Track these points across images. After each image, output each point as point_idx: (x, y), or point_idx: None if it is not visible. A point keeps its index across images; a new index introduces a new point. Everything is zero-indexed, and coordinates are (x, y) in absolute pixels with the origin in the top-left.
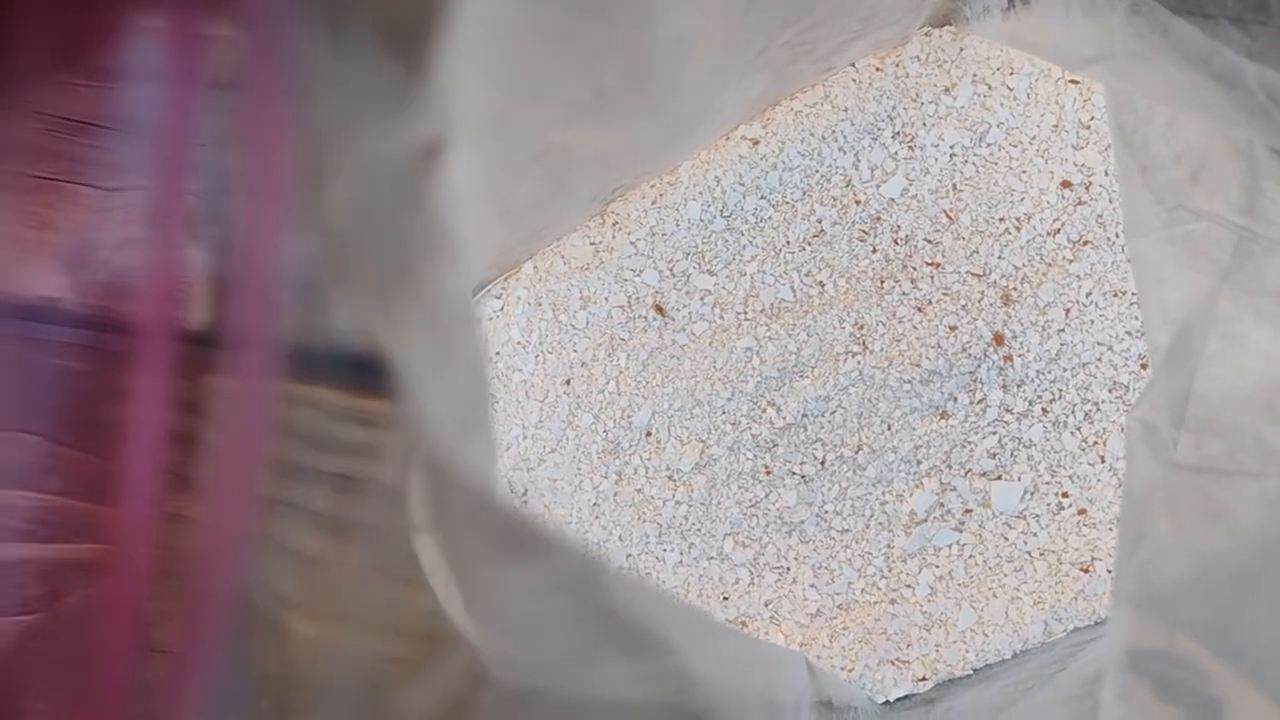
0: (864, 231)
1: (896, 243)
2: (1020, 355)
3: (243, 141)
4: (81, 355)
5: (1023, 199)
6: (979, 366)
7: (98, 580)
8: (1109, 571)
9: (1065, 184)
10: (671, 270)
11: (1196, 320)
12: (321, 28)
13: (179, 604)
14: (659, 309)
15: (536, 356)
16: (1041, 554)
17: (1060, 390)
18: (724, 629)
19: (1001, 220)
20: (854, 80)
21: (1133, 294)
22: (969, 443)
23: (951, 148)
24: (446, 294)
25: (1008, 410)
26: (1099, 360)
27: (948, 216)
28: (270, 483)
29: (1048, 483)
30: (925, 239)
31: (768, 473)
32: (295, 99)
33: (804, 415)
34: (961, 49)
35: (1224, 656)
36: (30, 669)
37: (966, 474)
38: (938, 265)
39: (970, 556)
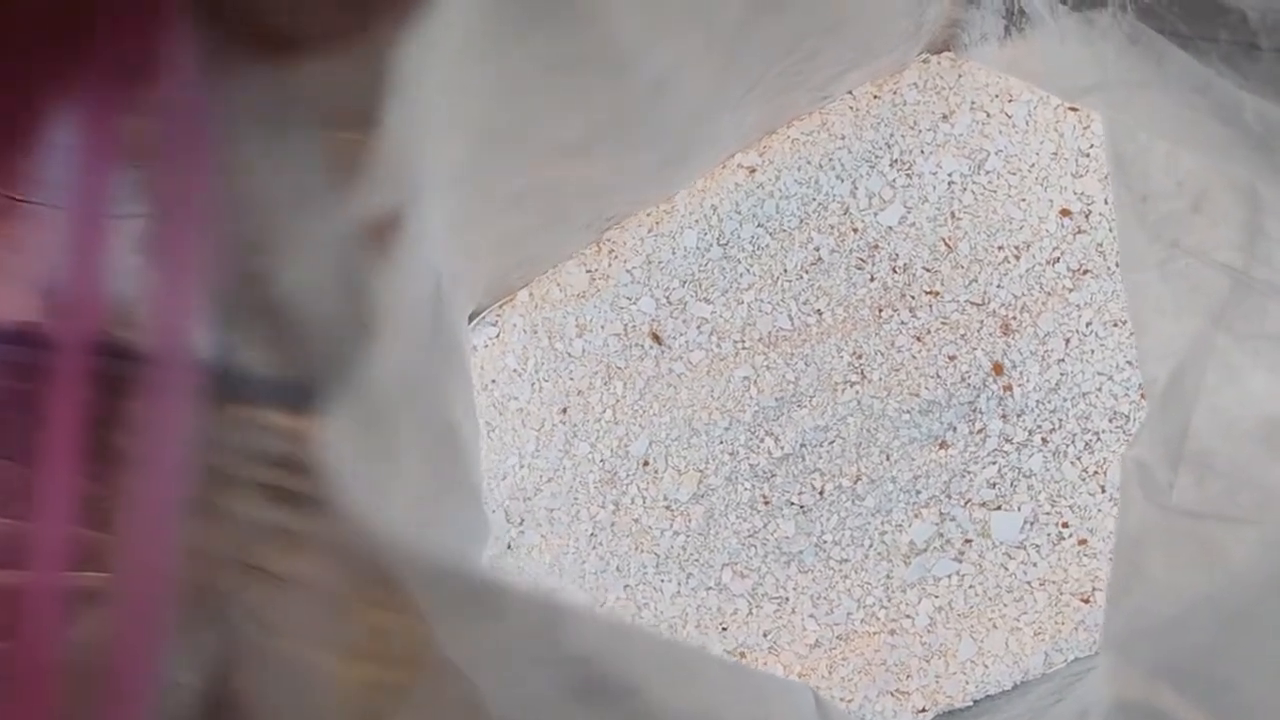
0: (862, 260)
1: (895, 271)
2: (1020, 385)
3: (159, 209)
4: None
5: (1022, 227)
6: (978, 396)
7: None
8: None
9: (1065, 212)
10: (668, 298)
11: (1191, 361)
12: (262, 103)
13: (106, 623)
14: (656, 337)
15: (533, 384)
16: (1042, 584)
17: (1060, 420)
18: (714, 662)
19: (1000, 249)
20: (851, 108)
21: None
22: (968, 472)
23: (950, 175)
24: (403, 361)
25: (1007, 440)
26: (1099, 390)
27: (946, 245)
28: (247, 507)
29: (1048, 513)
30: (924, 267)
31: (766, 503)
32: (214, 169)
33: (802, 445)
34: (959, 76)
35: (1207, 706)
36: None
37: (966, 504)
38: (936, 294)
39: (970, 587)
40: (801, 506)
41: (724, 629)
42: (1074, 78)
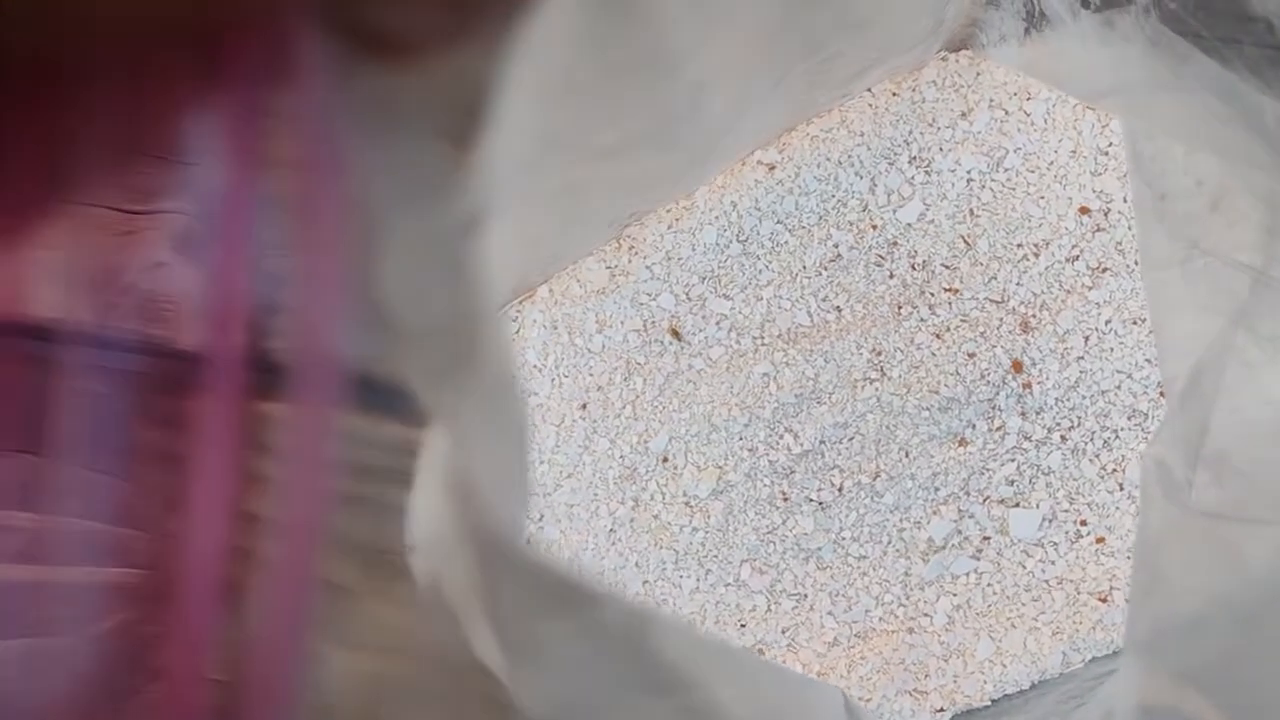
0: (881, 257)
1: (914, 268)
2: (1039, 382)
3: (301, 219)
4: (120, 380)
5: (1041, 225)
6: (998, 394)
7: (148, 607)
8: (1127, 601)
9: (1084, 210)
10: (688, 294)
11: (1210, 360)
12: (371, 107)
13: (244, 637)
14: (675, 333)
15: (553, 380)
16: (1059, 583)
17: (1079, 418)
18: (759, 663)
19: (1019, 246)
20: (870, 105)
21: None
22: (987, 470)
23: (969, 173)
24: (492, 356)
25: (1026, 438)
26: (1118, 388)
27: (965, 242)
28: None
29: (1066, 510)
30: (943, 264)
31: (785, 499)
32: (347, 177)
33: (822, 442)
34: (978, 74)
35: (1228, 707)
36: (75, 693)
37: (985, 501)
38: (956, 291)
39: (988, 585)
40: (820, 503)
41: (742, 625)
42: (1093, 80)
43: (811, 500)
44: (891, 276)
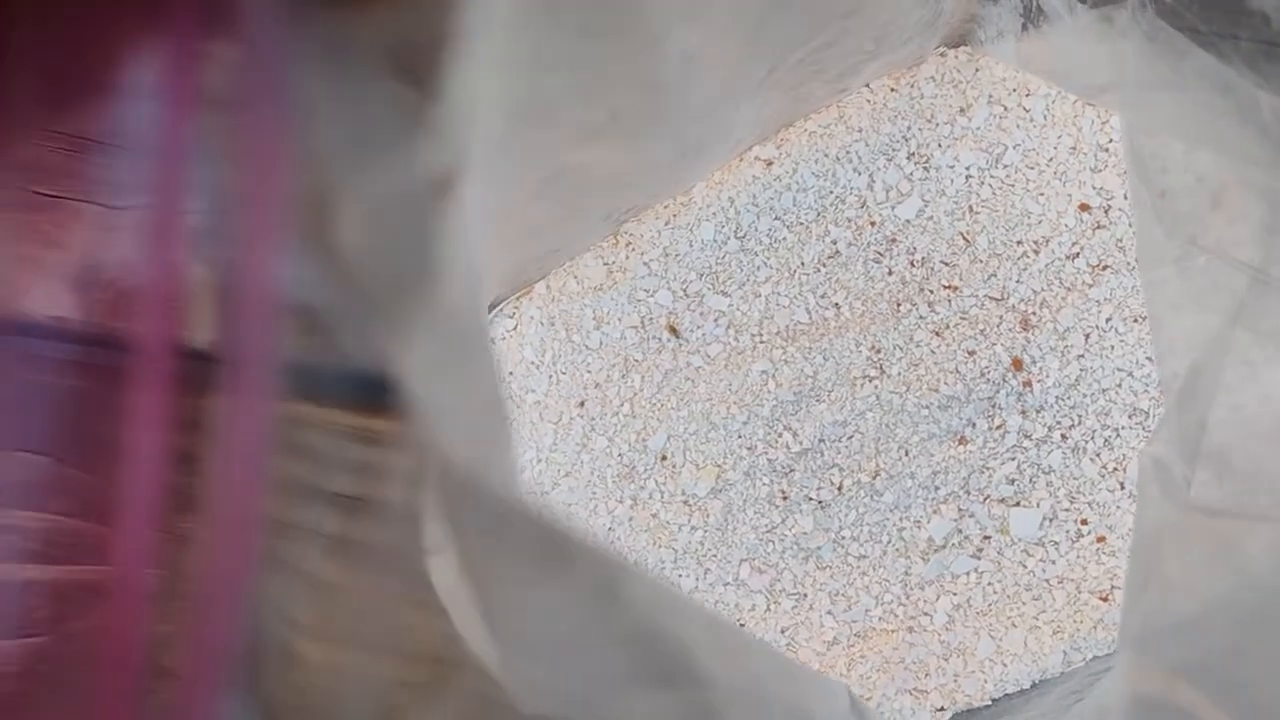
0: (879, 253)
1: (913, 265)
2: (1039, 381)
3: (240, 160)
4: (84, 373)
5: (1040, 222)
6: (998, 392)
7: (102, 602)
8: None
9: (1084, 207)
10: (685, 291)
11: (1209, 358)
12: (325, 50)
13: (185, 626)
14: (673, 330)
15: (550, 377)
16: (1060, 582)
17: (1080, 416)
18: (766, 652)
19: (1019, 243)
20: (868, 100)
21: None
22: (987, 469)
23: (967, 169)
24: (459, 318)
25: (1026, 436)
26: (1119, 386)
27: (964, 239)
28: (278, 504)
29: (1066, 509)
30: (942, 261)
31: (784, 498)
32: (294, 119)
33: (821, 440)
34: (977, 70)
35: (1226, 704)
36: (34, 693)
37: (985, 500)
38: (955, 289)
39: (988, 584)
40: (820, 502)
41: (742, 625)
42: (1091, 76)
43: (811, 499)
44: (890, 273)
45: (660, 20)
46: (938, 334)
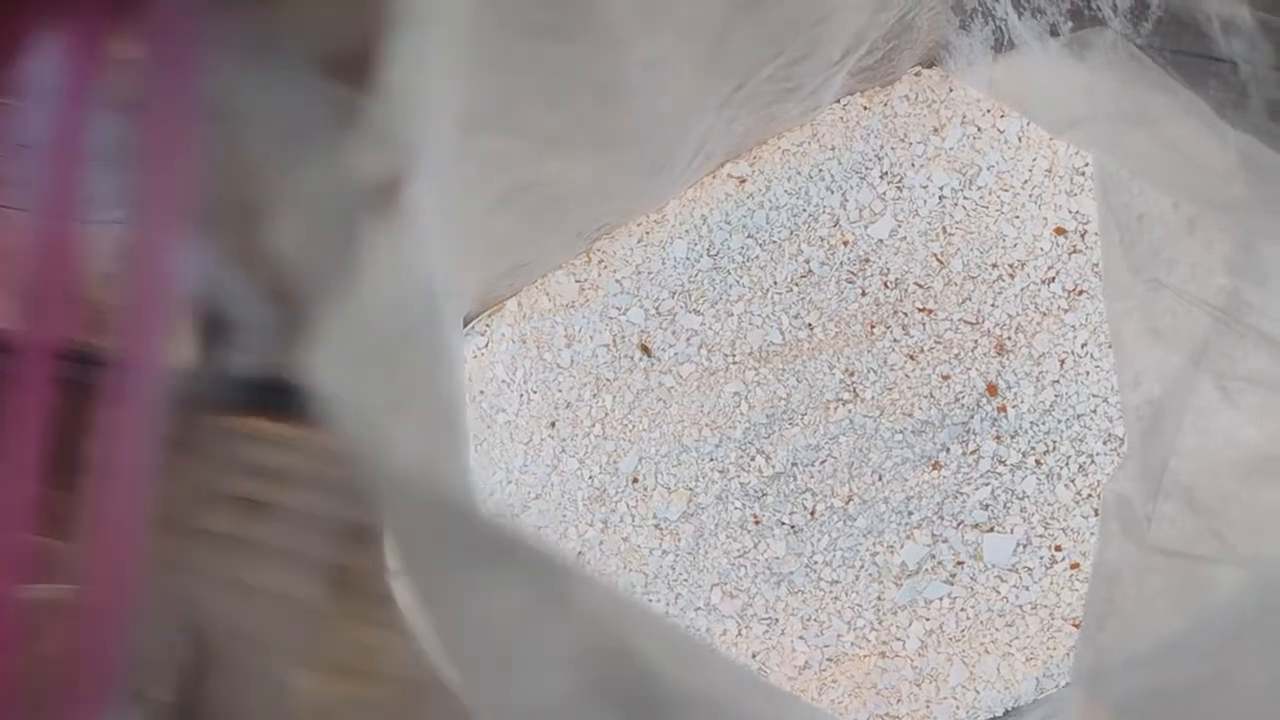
0: (852, 274)
1: (886, 286)
2: (1014, 406)
3: (140, 160)
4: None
5: (1015, 245)
6: (972, 417)
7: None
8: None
9: (1059, 230)
10: (658, 309)
11: (1170, 399)
12: (250, 44)
13: (71, 638)
14: (645, 349)
15: (521, 395)
16: (1034, 608)
17: (1054, 442)
18: (734, 667)
19: (994, 266)
20: (841, 118)
21: None
22: (961, 494)
23: (941, 189)
24: (389, 321)
25: (1001, 461)
26: (1094, 412)
27: (938, 260)
28: (238, 523)
29: (1040, 535)
30: (916, 283)
31: (756, 522)
32: (203, 116)
33: (793, 464)
34: (951, 89)
35: None
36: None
37: (958, 525)
38: (929, 311)
39: (961, 610)
40: (792, 526)
41: (712, 650)
42: (1061, 109)
43: (783, 523)
44: (864, 294)
45: (618, 23)
46: (912, 357)
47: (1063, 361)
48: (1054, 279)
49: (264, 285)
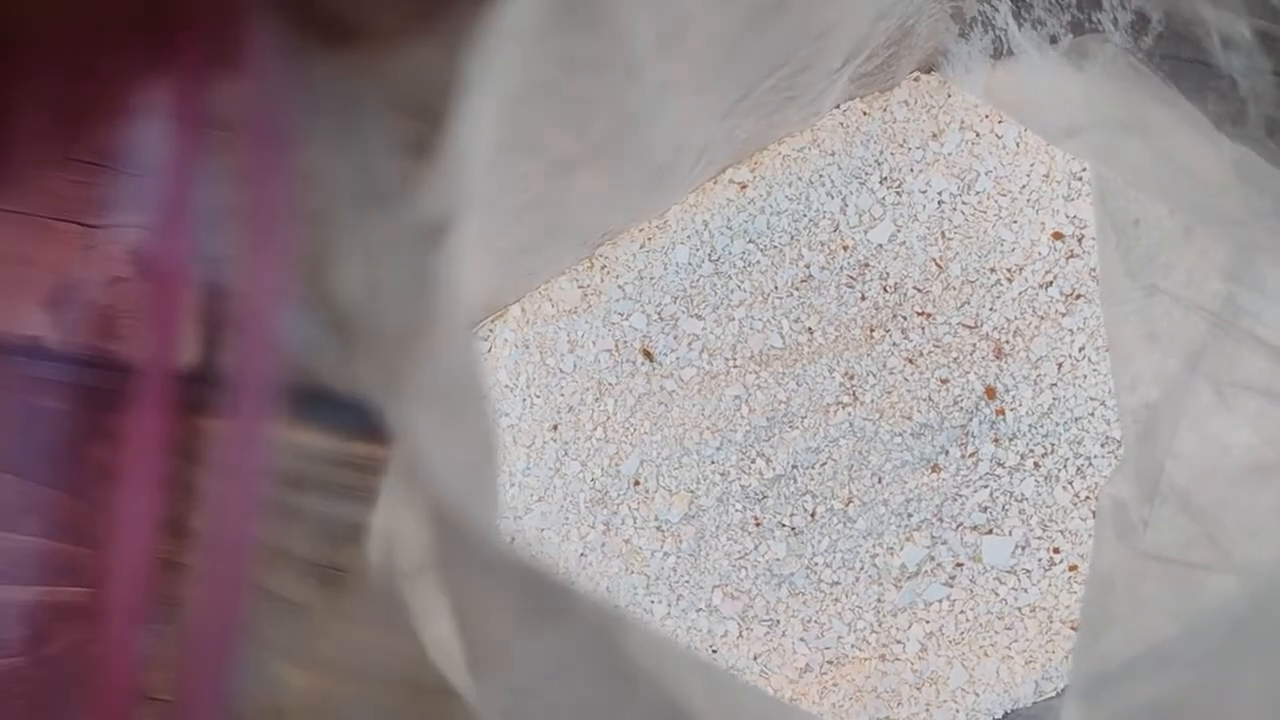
0: (852, 278)
1: (886, 290)
2: (1013, 409)
3: (244, 187)
4: (66, 394)
5: (1014, 249)
6: (971, 420)
7: (87, 624)
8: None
9: (1057, 235)
10: (660, 314)
11: (1166, 403)
12: (332, 97)
13: (181, 655)
14: (647, 354)
15: (524, 400)
16: (1032, 611)
17: (1052, 445)
18: (764, 697)
19: (992, 270)
20: (841, 124)
21: None
22: (960, 496)
23: (939, 194)
24: (452, 362)
25: (999, 464)
26: (1091, 415)
27: (937, 265)
28: (264, 528)
29: (1039, 538)
30: (915, 287)
31: (757, 524)
32: (296, 156)
33: (794, 466)
34: (949, 95)
35: None
36: (13, 713)
37: (958, 528)
38: (928, 315)
39: (961, 612)
40: (793, 529)
41: (714, 651)
42: (1060, 117)
43: (784, 526)
44: (863, 298)
45: (640, 48)
46: (911, 361)
47: (1060, 365)
48: (1051, 283)
49: (333, 328)
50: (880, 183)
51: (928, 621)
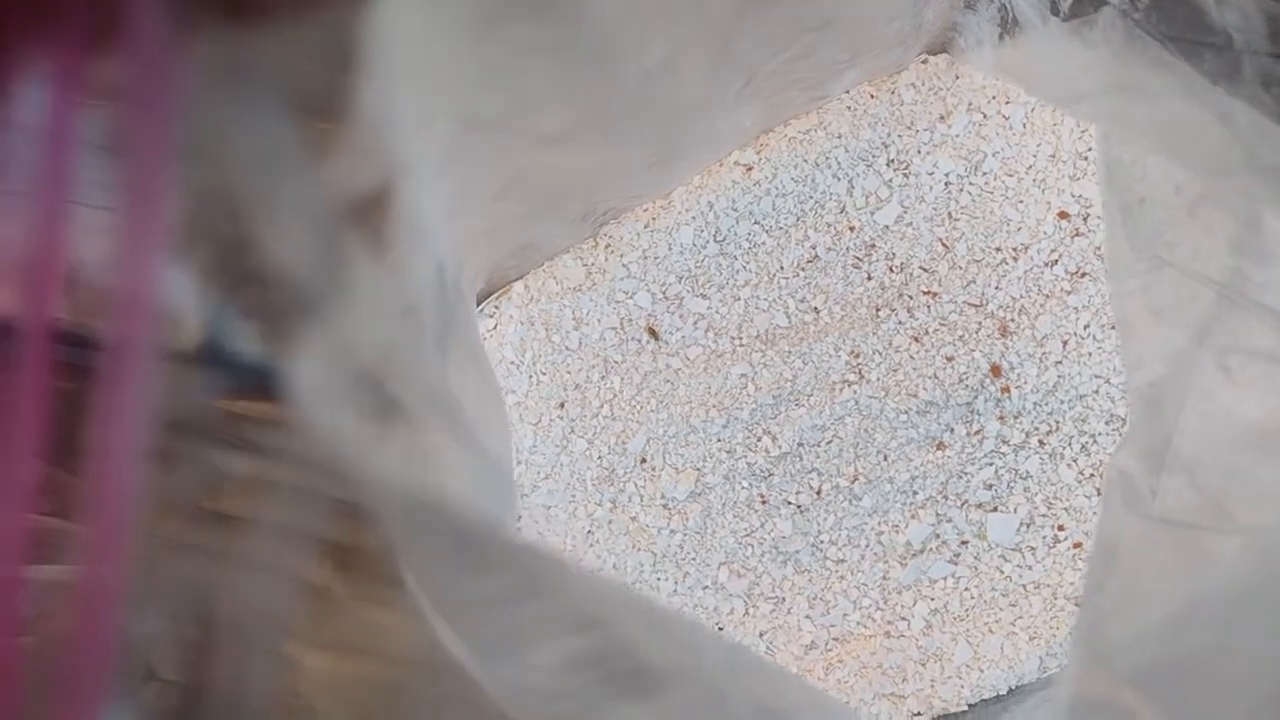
0: (858, 258)
1: (892, 270)
2: (1018, 387)
3: (125, 158)
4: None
5: (1019, 229)
6: (976, 398)
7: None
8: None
9: (1063, 214)
10: (664, 293)
11: (1174, 374)
12: (221, 76)
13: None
14: (652, 332)
15: (530, 377)
16: (1037, 587)
17: (1057, 422)
18: (778, 674)
19: (998, 250)
20: (848, 107)
21: None
22: (965, 474)
23: (946, 176)
24: (391, 338)
25: (1004, 442)
26: (1096, 393)
27: (943, 245)
28: (257, 507)
29: (1044, 515)
30: (921, 267)
31: (763, 502)
32: (180, 130)
33: (800, 444)
34: (956, 77)
35: (1171, 711)
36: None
37: (963, 505)
38: (934, 294)
39: (966, 589)
40: (799, 506)
41: (720, 628)
42: (1065, 85)
43: (790, 503)
44: (869, 278)
45: (613, 37)
46: (916, 339)
47: (1065, 343)
48: (1057, 261)
49: (247, 304)
50: (887, 165)
51: (933, 598)
